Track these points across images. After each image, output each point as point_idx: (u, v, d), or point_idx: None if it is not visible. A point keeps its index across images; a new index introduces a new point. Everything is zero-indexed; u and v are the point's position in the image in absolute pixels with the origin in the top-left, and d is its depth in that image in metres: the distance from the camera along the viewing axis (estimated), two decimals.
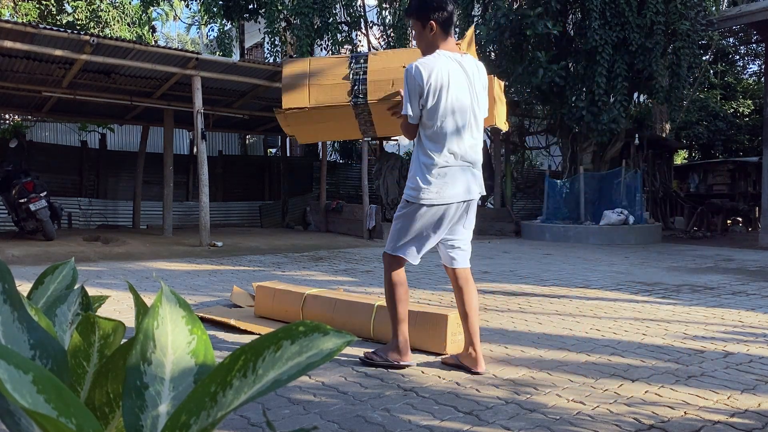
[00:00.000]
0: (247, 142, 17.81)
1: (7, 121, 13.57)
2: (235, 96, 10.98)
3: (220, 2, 14.73)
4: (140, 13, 17.74)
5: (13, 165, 9.44)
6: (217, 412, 0.81)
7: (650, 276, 6.31)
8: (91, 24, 17.42)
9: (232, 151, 16.83)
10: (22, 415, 0.87)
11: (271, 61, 12.85)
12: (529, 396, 2.44)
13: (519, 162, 16.88)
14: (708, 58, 17.68)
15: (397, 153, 16.92)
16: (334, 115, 3.34)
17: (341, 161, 17.87)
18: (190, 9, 22.31)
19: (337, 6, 14.03)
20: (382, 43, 16.43)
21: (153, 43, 18.00)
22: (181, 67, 8.78)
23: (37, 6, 16.93)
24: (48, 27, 7.64)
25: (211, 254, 8.18)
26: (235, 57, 17.71)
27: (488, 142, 15.53)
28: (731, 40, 19.05)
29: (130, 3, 18.59)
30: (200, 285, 5.45)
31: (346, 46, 14.54)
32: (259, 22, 15.04)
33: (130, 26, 18.27)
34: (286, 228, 13.60)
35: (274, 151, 18.08)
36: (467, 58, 2.80)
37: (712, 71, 19.63)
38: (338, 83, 3.25)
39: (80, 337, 1.09)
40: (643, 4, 10.93)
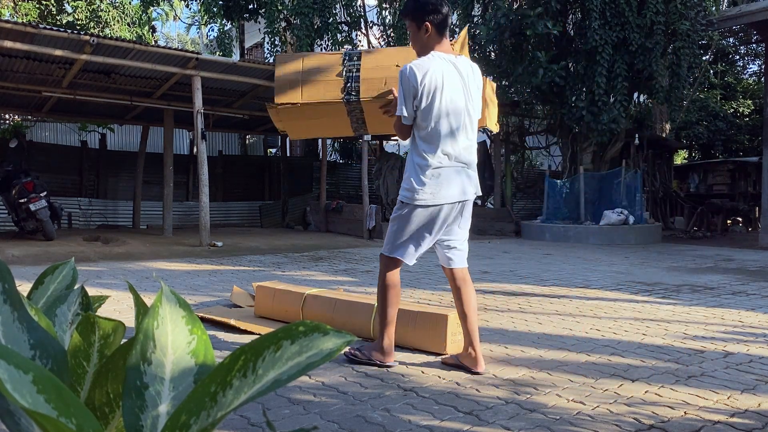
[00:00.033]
0: (247, 142, 17.82)
1: (7, 121, 13.57)
2: (235, 96, 10.98)
3: (220, 2, 14.73)
4: (140, 13, 17.75)
5: (13, 165, 9.45)
6: (217, 412, 0.81)
7: (650, 276, 6.31)
8: (91, 24, 17.42)
9: (232, 151, 16.83)
10: (22, 415, 0.87)
11: (271, 61, 12.82)
12: (529, 396, 2.44)
13: (519, 162, 16.88)
14: (708, 58, 17.68)
15: (397, 153, 16.89)
16: (327, 112, 3.33)
17: (341, 161, 17.88)
18: (190, 9, 22.33)
19: (337, 6, 14.03)
20: (382, 43, 16.43)
21: (153, 43, 18.00)
22: (181, 67, 8.78)
23: (37, 6, 16.93)
24: (48, 27, 7.64)
25: (211, 254, 8.18)
26: (235, 57, 17.71)
27: (488, 142, 15.52)
28: (731, 40, 19.05)
29: (130, 3, 18.59)
30: (200, 285, 5.45)
31: (346, 46, 14.52)
32: (259, 22, 15.05)
33: (130, 26, 18.27)
34: (286, 228, 13.60)
35: (274, 151, 18.09)
36: (462, 60, 2.81)
37: (712, 71, 19.63)
38: (331, 80, 3.24)
39: (80, 337, 1.09)
40: (643, 4, 10.93)
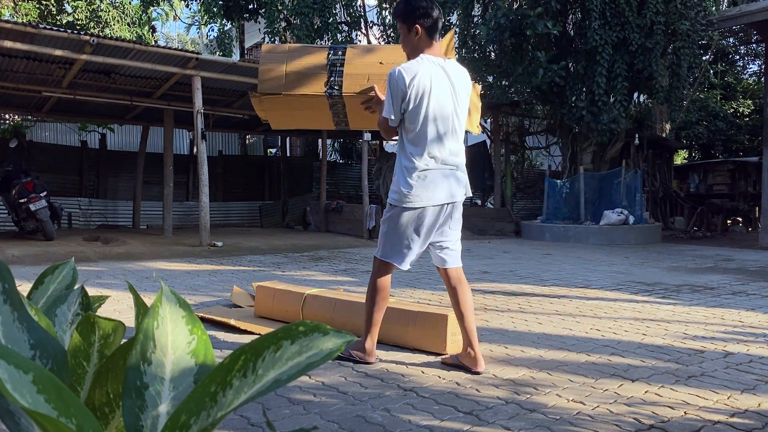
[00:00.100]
0: (247, 142, 17.81)
1: (7, 121, 13.57)
2: (235, 96, 10.98)
3: (220, 2, 14.73)
4: (140, 13, 17.75)
5: (13, 165, 9.45)
6: (217, 412, 0.81)
7: (650, 276, 6.31)
8: (91, 24, 17.42)
9: (232, 151, 16.83)
10: (22, 415, 0.87)
11: None
12: (529, 396, 2.44)
13: (519, 162, 16.88)
14: (708, 58, 17.67)
15: None
16: (309, 104, 3.34)
17: (341, 161, 17.87)
18: (190, 9, 22.31)
19: (337, 6, 14.02)
20: (382, 43, 16.42)
21: (153, 43, 18.01)
22: (181, 67, 8.78)
23: (37, 6, 16.92)
24: (48, 27, 7.64)
25: (211, 254, 8.18)
26: (235, 57, 17.71)
27: (488, 142, 15.52)
28: (731, 40, 19.05)
29: (130, 3, 18.59)
30: (200, 285, 5.45)
31: None
32: (259, 22, 15.04)
33: (130, 26, 18.27)
34: (286, 228, 13.60)
35: (274, 151, 18.09)
36: (450, 63, 2.82)
37: (712, 71, 19.62)
38: (315, 73, 3.25)
39: (80, 337, 1.09)
40: (643, 4, 10.93)
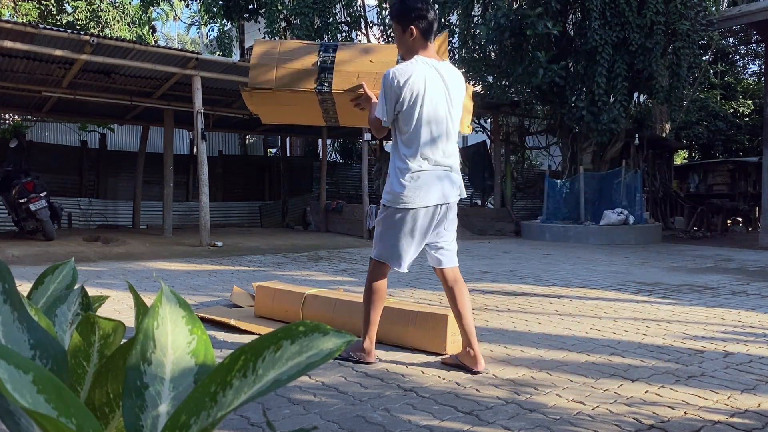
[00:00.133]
0: (247, 142, 17.82)
1: (7, 121, 13.57)
2: (235, 96, 10.96)
3: (220, 2, 14.73)
4: (140, 13, 17.76)
5: (13, 165, 9.45)
6: (217, 412, 0.81)
7: (650, 276, 6.31)
8: (91, 24, 17.42)
9: (232, 151, 16.83)
10: (22, 415, 0.87)
11: None
12: (529, 396, 2.44)
13: (519, 162, 16.88)
14: (708, 58, 17.67)
15: None
16: (300, 100, 3.35)
17: (341, 161, 17.87)
18: (190, 9, 22.33)
19: (337, 6, 14.03)
20: (382, 43, 16.42)
21: (153, 43, 18.01)
22: (181, 67, 8.78)
23: (37, 6, 16.93)
24: (48, 27, 7.64)
25: (211, 254, 8.18)
26: (235, 57, 17.71)
27: (488, 142, 15.52)
28: (731, 40, 19.04)
29: (130, 3, 18.60)
30: (200, 285, 5.45)
31: None
32: (259, 22, 15.04)
33: (130, 26, 18.27)
34: (286, 228, 13.60)
35: (274, 151, 18.09)
36: (444, 65, 2.83)
37: (712, 71, 19.62)
38: (306, 69, 3.26)
39: (80, 337, 1.09)
40: (643, 4, 10.93)
